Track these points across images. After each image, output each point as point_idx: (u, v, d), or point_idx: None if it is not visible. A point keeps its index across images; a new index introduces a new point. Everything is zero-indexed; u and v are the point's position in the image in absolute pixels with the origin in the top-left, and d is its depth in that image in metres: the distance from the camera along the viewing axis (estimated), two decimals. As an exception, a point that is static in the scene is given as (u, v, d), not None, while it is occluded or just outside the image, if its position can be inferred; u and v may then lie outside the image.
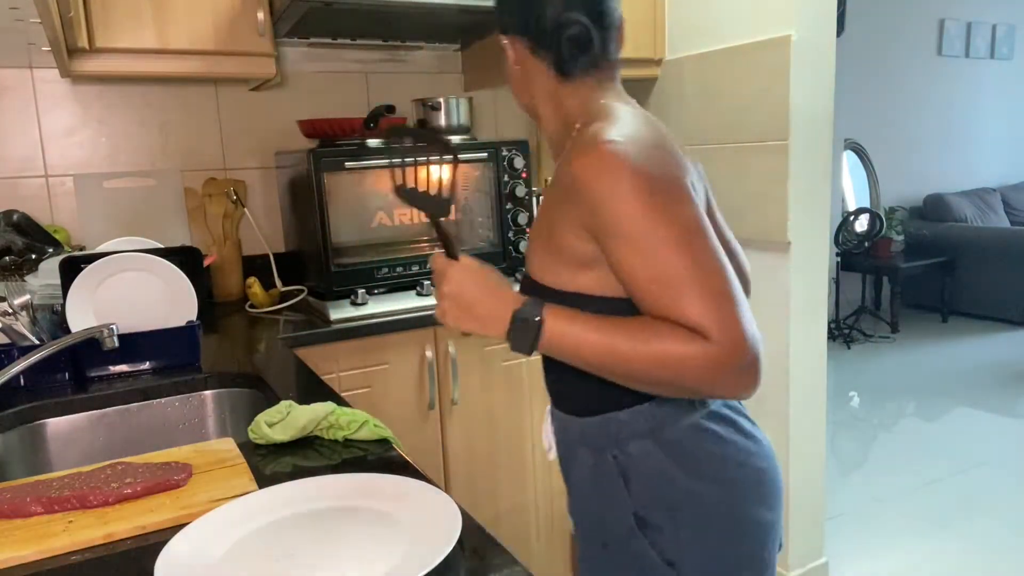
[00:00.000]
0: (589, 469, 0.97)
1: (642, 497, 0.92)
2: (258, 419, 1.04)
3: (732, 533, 0.93)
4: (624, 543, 0.92)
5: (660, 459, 0.91)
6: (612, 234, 0.82)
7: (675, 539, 0.91)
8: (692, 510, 0.91)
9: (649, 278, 0.80)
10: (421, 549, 0.70)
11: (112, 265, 1.42)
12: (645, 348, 0.79)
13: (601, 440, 0.95)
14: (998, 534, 2.50)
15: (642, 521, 0.92)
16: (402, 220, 1.98)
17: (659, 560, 0.91)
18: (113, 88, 2.01)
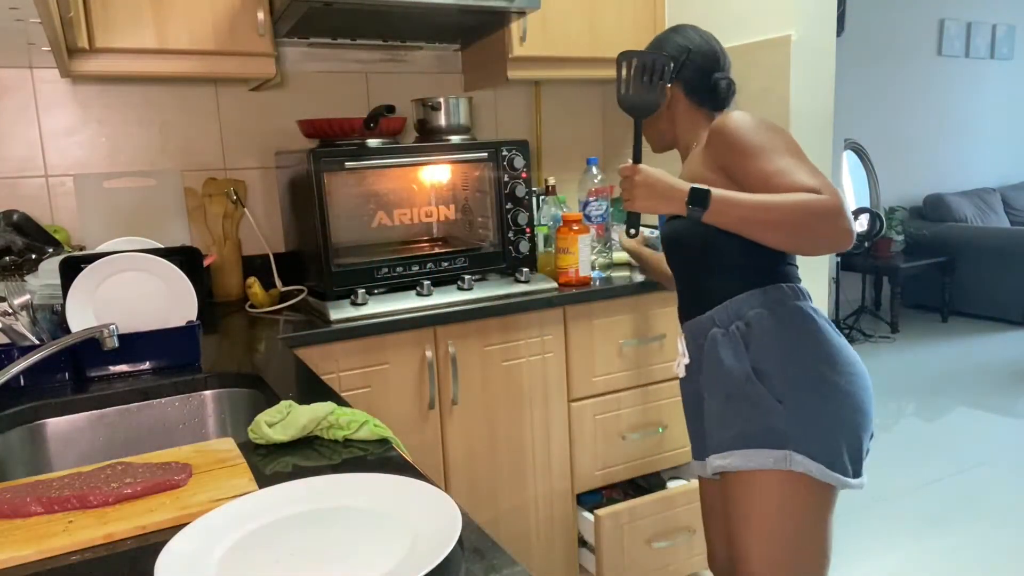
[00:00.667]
0: (719, 341, 1.27)
1: (757, 353, 1.22)
2: (258, 419, 1.04)
3: (831, 384, 1.20)
4: (743, 389, 1.22)
5: (771, 324, 1.23)
6: (741, 155, 1.23)
7: (783, 383, 1.20)
8: (799, 362, 1.21)
9: (773, 171, 1.19)
10: (421, 549, 0.70)
11: (112, 265, 1.42)
12: (784, 200, 1.15)
13: (726, 318, 1.28)
14: (998, 534, 2.50)
15: (757, 371, 1.21)
16: (402, 220, 1.99)
17: (771, 398, 1.19)
18: (113, 88, 2.01)
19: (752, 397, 1.21)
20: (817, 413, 1.19)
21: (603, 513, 1.99)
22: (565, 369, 2.01)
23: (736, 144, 1.24)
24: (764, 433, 1.19)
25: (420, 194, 2.02)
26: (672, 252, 1.44)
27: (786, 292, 1.27)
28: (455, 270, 1.96)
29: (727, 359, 1.25)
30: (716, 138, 1.27)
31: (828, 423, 1.19)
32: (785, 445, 1.18)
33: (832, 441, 1.19)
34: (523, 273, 2.01)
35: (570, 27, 2.16)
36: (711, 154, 1.29)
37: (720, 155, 1.27)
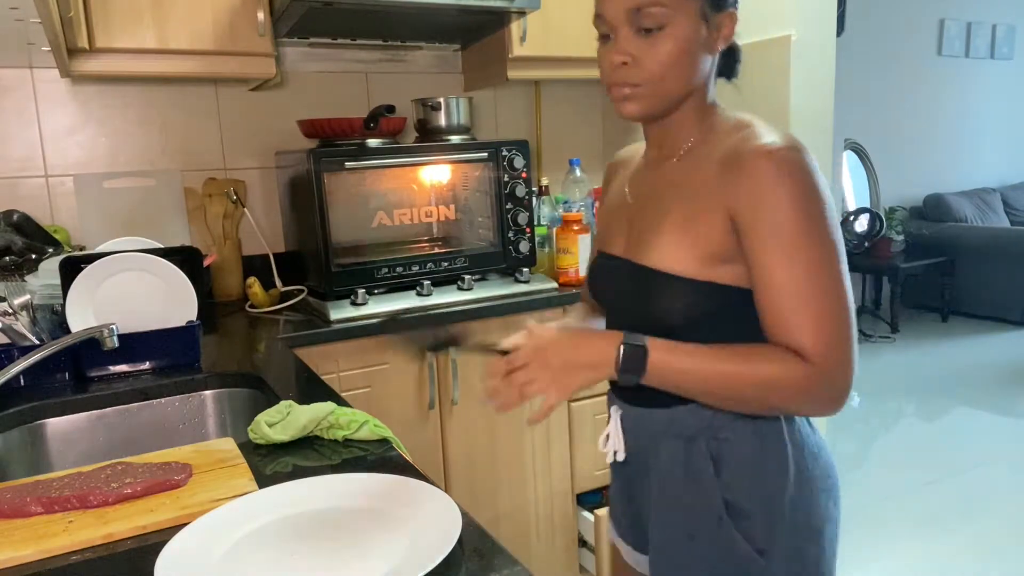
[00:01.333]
0: (679, 457, 0.94)
1: (732, 483, 0.91)
2: (258, 419, 1.04)
3: (815, 527, 0.94)
4: (712, 532, 0.91)
5: (755, 446, 0.91)
6: (767, 235, 0.83)
7: (766, 527, 0.90)
8: (781, 498, 0.91)
9: (782, 285, 0.83)
10: (421, 549, 0.70)
11: (112, 265, 1.42)
12: (746, 374, 0.83)
13: (692, 428, 0.93)
14: (998, 534, 2.50)
15: (731, 507, 0.91)
16: (402, 220, 1.98)
17: (749, 548, 0.90)
18: (113, 88, 2.01)
19: (724, 543, 0.91)
20: (806, 563, 0.93)
21: (603, 513, 1.99)
22: (565, 369, 2.00)
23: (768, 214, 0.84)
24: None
25: (420, 194, 2.02)
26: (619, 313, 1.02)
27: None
28: (455, 270, 1.96)
29: (693, 489, 0.93)
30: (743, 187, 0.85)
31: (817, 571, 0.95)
32: None
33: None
34: (523, 273, 2.01)
35: (570, 27, 2.16)
36: (726, 202, 0.87)
37: (739, 209, 0.86)
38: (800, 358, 0.82)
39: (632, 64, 0.90)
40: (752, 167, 0.84)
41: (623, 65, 0.91)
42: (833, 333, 0.82)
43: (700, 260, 0.89)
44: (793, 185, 0.83)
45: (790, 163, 0.84)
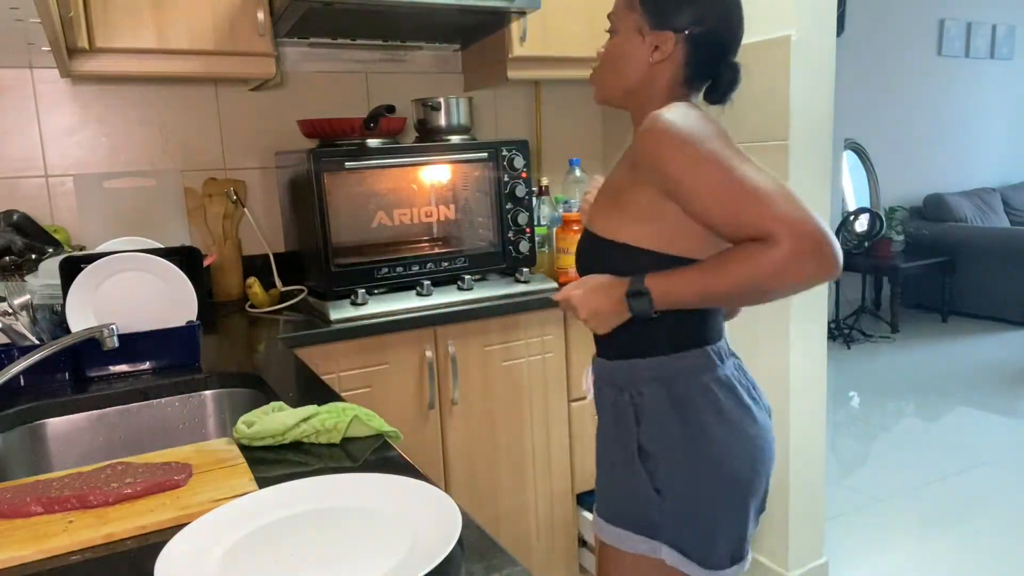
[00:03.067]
0: (611, 403, 1.15)
1: (647, 432, 1.09)
2: (242, 417, 1.04)
3: (713, 481, 1.08)
4: (627, 466, 1.10)
5: (667, 405, 1.08)
6: (677, 187, 0.99)
7: (667, 472, 1.08)
8: (684, 453, 1.07)
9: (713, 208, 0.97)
10: (421, 549, 0.70)
11: (112, 265, 1.42)
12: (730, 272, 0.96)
13: (622, 380, 1.13)
14: (998, 534, 2.50)
15: (643, 451, 1.09)
16: (402, 220, 1.99)
17: (650, 486, 1.08)
18: (113, 88, 2.01)
19: (632, 480, 1.09)
20: (696, 510, 1.08)
21: (603, 513, 1.99)
22: (565, 369, 2.01)
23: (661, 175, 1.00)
24: (638, 519, 1.10)
25: (420, 194, 2.02)
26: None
27: (694, 362, 1.09)
28: (455, 270, 1.96)
29: (614, 431, 1.13)
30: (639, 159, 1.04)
31: (707, 520, 1.08)
32: (657, 536, 1.09)
33: (709, 538, 1.08)
34: (523, 273, 2.02)
35: (570, 27, 2.16)
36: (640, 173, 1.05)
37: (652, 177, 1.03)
38: (771, 243, 0.93)
39: (600, 56, 1.17)
40: (639, 145, 1.04)
41: (598, 56, 1.17)
42: (777, 205, 0.93)
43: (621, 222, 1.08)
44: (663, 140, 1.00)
45: (655, 127, 1.01)
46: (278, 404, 1.09)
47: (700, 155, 0.97)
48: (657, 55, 1.10)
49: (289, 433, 1.00)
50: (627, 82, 1.13)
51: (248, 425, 1.02)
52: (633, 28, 1.11)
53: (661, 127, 1.00)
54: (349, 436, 1.02)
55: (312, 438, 1.01)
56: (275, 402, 1.10)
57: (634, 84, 1.13)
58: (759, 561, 2.20)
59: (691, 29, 1.08)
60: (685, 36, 1.09)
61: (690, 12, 1.08)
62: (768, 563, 2.18)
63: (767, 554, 2.19)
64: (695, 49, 1.09)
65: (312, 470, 0.93)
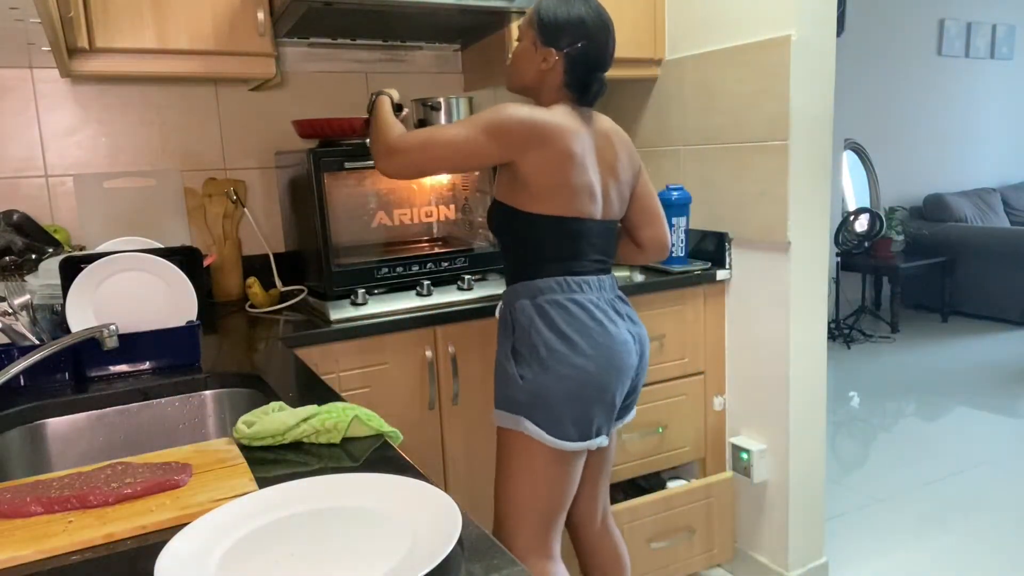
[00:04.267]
0: (500, 316, 1.57)
1: (518, 336, 1.48)
2: (242, 417, 1.04)
3: (560, 374, 1.43)
4: (504, 362, 1.49)
5: (530, 315, 1.46)
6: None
7: (528, 364, 1.45)
8: (541, 350, 1.44)
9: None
10: (421, 549, 0.70)
11: (112, 265, 1.42)
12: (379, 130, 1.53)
13: (506, 299, 1.55)
14: (998, 534, 2.50)
15: (515, 350, 1.48)
16: (402, 220, 1.98)
17: (517, 374, 1.46)
18: (113, 88, 2.01)
19: (504, 370, 1.47)
20: (546, 394, 1.42)
21: (603, 513, 1.99)
22: (565, 369, 2.01)
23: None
24: (508, 400, 1.46)
25: (420, 194, 2.02)
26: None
27: (550, 286, 1.46)
28: (455, 270, 1.96)
29: (499, 336, 1.54)
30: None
31: (555, 402, 1.42)
32: (517, 411, 1.44)
33: (557, 416, 1.43)
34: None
35: (570, 27, 2.16)
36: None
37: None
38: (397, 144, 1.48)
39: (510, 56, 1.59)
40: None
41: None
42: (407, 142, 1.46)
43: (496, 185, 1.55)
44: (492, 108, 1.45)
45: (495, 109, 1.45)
46: (278, 404, 1.09)
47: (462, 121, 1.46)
48: (544, 65, 1.49)
49: (289, 433, 1.00)
50: (524, 80, 1.54)
51: (248, 425, 1.02)
52: (531, 40, 1.50)
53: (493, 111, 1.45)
54: (349, 436, 1.02)
55: (312, 438, 1.01)
56: (275, 402, 1.10)
57: (529, 82, 1.53)
58: (759, 561, 2.20)
59: (568, 49, 1.46)
60: (564, 53, 1.47)
61: (568, 37, 1.46)
62: (768, 563, 2.18)
63: (767, 554, 2.19)
64: (571, 64, 1.47)
65: (312, 470, 0.93)
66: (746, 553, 2.24)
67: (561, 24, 1.46)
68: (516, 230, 1.49)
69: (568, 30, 1.46)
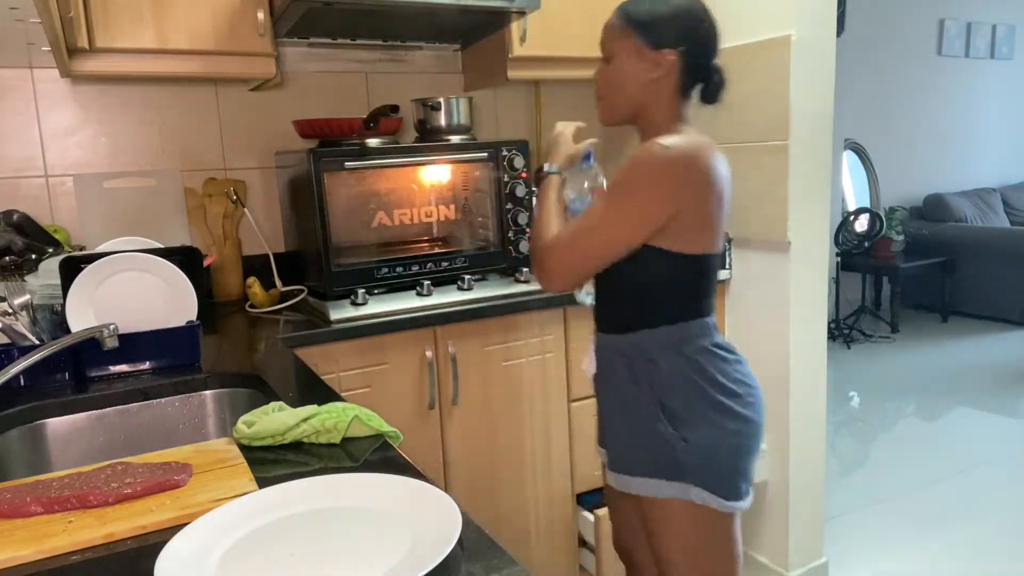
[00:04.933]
0: (624, 374, 1.30)
1: (663, 391, 1.26)
2: (242, 417, 1.04)
3: (732, 427, 1.25)
4: (651, 423, 1.26)
5: (679, 365, 1.26)
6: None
7: (687, 422, 1.24)
8: (697, 402, 1.25)
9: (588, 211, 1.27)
10: (421, 549, 0.70)
11: (112, 265, 1.42)
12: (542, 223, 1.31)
13: (633, 351, 1.29)
14: (998, 534, 2.50)
15: (664, 408, 1.25)
16: (402, 220, 1.99)
17: (676, 435, 1.24)
18: (113, 88, 2.01)
19: (657, 432, 1.26)
20: (719, 448, 1.25)
21: (603, 513, 1.99)
22: (565, 369, 2.01)
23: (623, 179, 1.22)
24: (668, 466, 1.25)
25: (420, 194, 2.02)
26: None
27: (694, 331, 1.27)
28: (455, 270, 1.96)
29: (634, 394, 1.28)
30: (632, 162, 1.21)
31: (731, 456, 1.26)
32: (684, 478, 1.25)
33: (731, 475, 1.26)
34: (523, 273, 2.02)
35: (570, 27, 2.16)
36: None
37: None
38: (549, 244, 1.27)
39: (599, 82, 1.33)
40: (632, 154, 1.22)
41: (596, 83, 1.34)
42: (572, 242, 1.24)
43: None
44: (638, 163, 1.20)
45: (650, 151, 1.20)
46: (278, 404, 1.09)
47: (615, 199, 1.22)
48: (655, 72, 1.25)
49: (289, 433, 1.00)
50: (632, 102, 1.29)
51: (248, 425, 1.02)
52: (631, 52, 1.26)
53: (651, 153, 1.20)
54: (349, 436, 1.02)
55: (312, 438, 1.01)
56: (275, 402, 1.10)
57: (640, 101, 1.28)
58: (759, 561, 2.20)
59: (683, 44, 1.24)
60: (679, 51, 1.24)
61: (679, 29, 1.24)
62: (768, 563, 2.18)
63: (767, 554, 2.19)
64: (688, 60, 1.25)
65: (312, 470, 0.93)
66: (746, 553, 2.24)
67: (667, 16, 1.23)
68: (657, 273, 1.25)
69: (677, 20, 1.23)
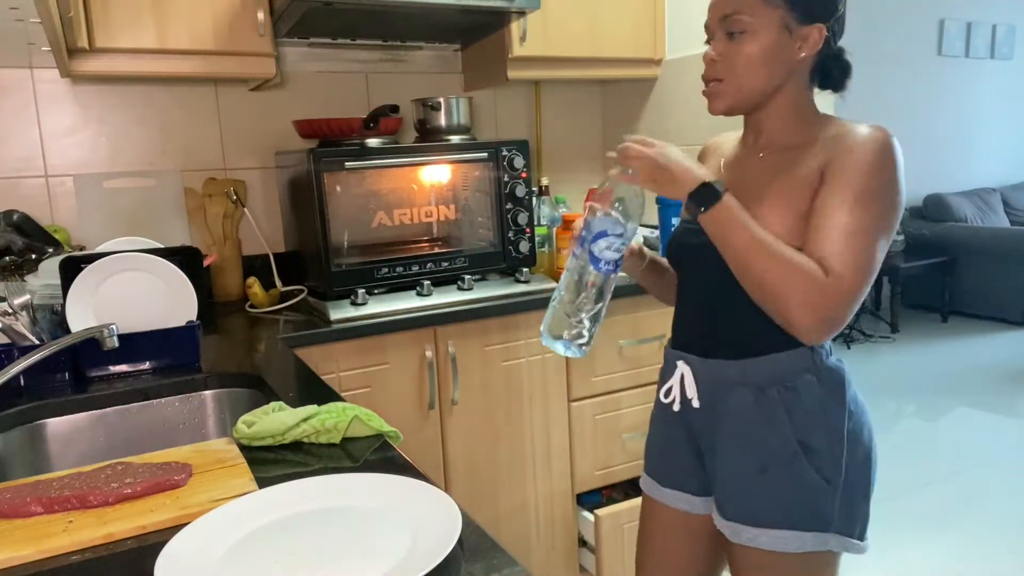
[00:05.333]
0: (752, 405, 1.08)
1: (803, 426, 1.05)
2: (242, 417, 1.04)
3: (868, 463, 1.10)
4: (788, 465, 1.05)
5: (821, 394, 1.06)
6: (844, 184, 0.99)
7: (831, 461, 1.05)
8: (844, 440, 1.06)
9: (838, 223, 0.98)
10: (421, 549, 0.70)
11: (112, 265, 1.42)
12: (786, 256, 0.97)
13: (763, 377, 1.07)
14: (998, 534, 2.50)
15: (804, 447, 1.05)
16: (402, 220, 1.98)
17: (819, 478, 1.05)
18: (113, 88, 2.01)
19: (796, 475, 1.05)
20: (859, 490, 1.09)
21: (603, 513, 1.99)
22: (565, 369, 2.01)
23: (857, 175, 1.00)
24: (808, 515, 1.06)
25: (420, 194, 2.02)
26: (692, 266, 1.17)
27: (826, 350, 1.09)
28: (455, 270, 1.96)
29: (766, 430, 1.06)
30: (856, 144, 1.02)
31: (864, 497, 1.10)
32: (828, 528, 1.06)
33: (865, 514, 1.11)
34: (523, 273, 2.02)
35: (570, 27, 2.16)
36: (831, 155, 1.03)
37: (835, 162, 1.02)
38: (823, 281, 0.96)
39: (721, 62, 1.07)
40: (860, 140, 1.01)
41: (713, 62, 1.08)
42: (857, 269, 0.97)
43: (796, 232, 1.02)
44: (883, 156, 1.00)
45: (887, 142, 1.01)
46: (278, 404, 1.09)
47: (883, 193, 1.01)
48: (804, 51, 1.06)
49: (289, 433, 1.00)
50: (773, 83, 1.07)
51: (248, 425, 1.02)
52: (776, 24, 1.04)
53: (891, 146, 1.01)
54: (349, 436, 1.02)
55: (312, 438, 1.01)
56: (275, 402, 1.10)
57: (779, 84, 1.08)
58: (759, 561, 2.20)
59: (830, 18, 1.06)
60: (829, 25, 1.06)
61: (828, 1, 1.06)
62: (768, 563, 2.18)
63: (767, 554, 2.19)
64: (832, 38, 1.08)
65: (312, 470, 0.93)
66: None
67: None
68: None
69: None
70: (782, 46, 1.05)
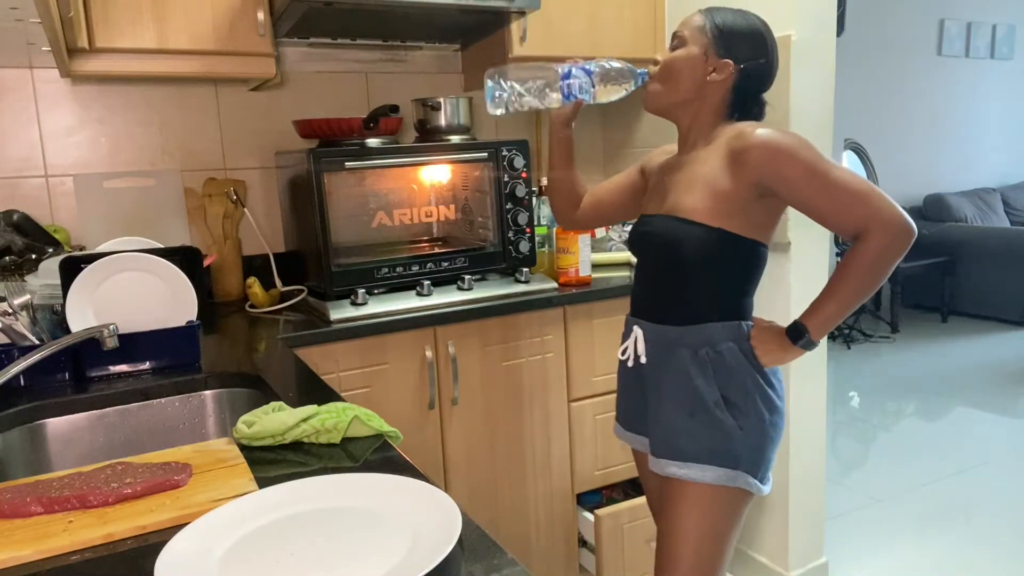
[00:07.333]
0: (688, 361, 1.33)
1: (725, 382, 1.31)
2: (242, 417, 1.04)
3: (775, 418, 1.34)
4: (710, 412, 1.31)
5: (740, 359, 1.31)
6: (800, 186, 1.23)
7: (744, 412, 1.31)
8: (756, 396, 1.31)
9: (827, 208, 1.24)
10: (421, 549, 0.70)
11: (112, 265, 1.42)
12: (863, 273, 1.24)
13: (696, 341, 1.32)
14: (998, 534, 2.50)
15: (725, 399, 1.31)
16: (402, 220, 1.99)
17: (735, 424, 1.30)
18: (113, 88, 2.01)
19: (717, 421, 1.30)
20: (765, 438, 1.33)
21: (603, 513, 1.99)
22: (565, 369, 2.01)
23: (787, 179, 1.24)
24: (722, 453, 1.30)
25: (420, 194, 2.02)
26: (651, 252, 1.38)
27: (746, 330, 1.34)
28: (455, 270, 1.96)
29: (697, 382, 1.32)
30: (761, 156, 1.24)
31: (769, 445, 1.34)
32: (738, 466, 1.30)
33: (769, 460, 1.35)
34: (523, 273, 2.02)
35: (570, 27, 2.16)
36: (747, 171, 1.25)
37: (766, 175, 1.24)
38: (868, 233, 1.21)
39: (661, 67, 1.36)
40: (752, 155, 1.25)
41: (655, 65, 1.37)
42: (871, 202, 1.21)
43: (715, 213, 1.27)
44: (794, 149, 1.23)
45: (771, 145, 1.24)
46: (278, 404, 1.09)
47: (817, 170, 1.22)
48: (714, 76, 1.32)
49: (289, 433, 1.00)
50: (680, 92, 1.34)
51: (248, 425, 1.02)
52: (701, 47, 1.32)
53: (778, 146, 1.23)
54: (349, 436, 1.02)
55: (312, 438, 1.01)
56: (275, 402, 1.10)
57: (689, 97, 1.34)
58: (759, 561, 2.20)
59: (746, 64, 1.32)
60: (739, 68, 1.32)
61: (748, 50, 1.32)
62: (768, 563, 2.18)
63: (767, 554, 2.19)
64: (743, 80, 1.33)
65: (312, 470, 0.93)
66: (746, 553, 2.24)
67: (744, 34, 1.32)
68: (736, 264, 1.31)
69: (749, 42, 1.32)
70: (699, 65, 1.32)
